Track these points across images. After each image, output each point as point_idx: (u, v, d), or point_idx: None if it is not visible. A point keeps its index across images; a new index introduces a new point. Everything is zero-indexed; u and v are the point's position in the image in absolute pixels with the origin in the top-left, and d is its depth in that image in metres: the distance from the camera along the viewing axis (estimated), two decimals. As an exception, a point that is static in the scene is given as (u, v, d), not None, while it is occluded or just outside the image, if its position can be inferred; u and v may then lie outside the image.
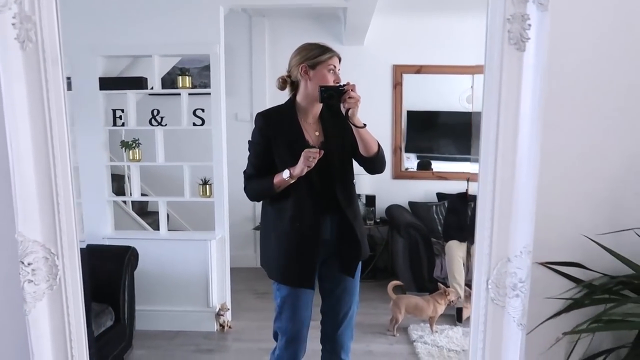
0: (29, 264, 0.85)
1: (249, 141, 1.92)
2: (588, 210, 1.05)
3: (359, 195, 4.66)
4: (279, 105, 1.94)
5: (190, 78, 3.45)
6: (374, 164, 1.88)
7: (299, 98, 1.89)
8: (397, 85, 4.89)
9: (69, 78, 3.15)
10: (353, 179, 1.94)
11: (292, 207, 1.84)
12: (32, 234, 0.86)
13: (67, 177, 0.88)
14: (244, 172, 1.95)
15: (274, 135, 1.85)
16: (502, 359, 1.01)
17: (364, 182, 4.54)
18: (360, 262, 1.98)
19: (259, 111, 1.92)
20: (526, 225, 0.99)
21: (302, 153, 1.74)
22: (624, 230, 1.05)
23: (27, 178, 0.86)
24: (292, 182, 1.79)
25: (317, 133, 1.88)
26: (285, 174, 1.78)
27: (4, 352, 0.94)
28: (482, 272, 1.04)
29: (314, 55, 1.83)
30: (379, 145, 1.85)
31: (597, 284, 1.02)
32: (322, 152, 1.76)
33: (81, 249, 0.98)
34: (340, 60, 1.87)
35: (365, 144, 1.81)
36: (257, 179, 1.89)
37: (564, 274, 1.07)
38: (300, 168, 1.76)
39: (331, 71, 1.82)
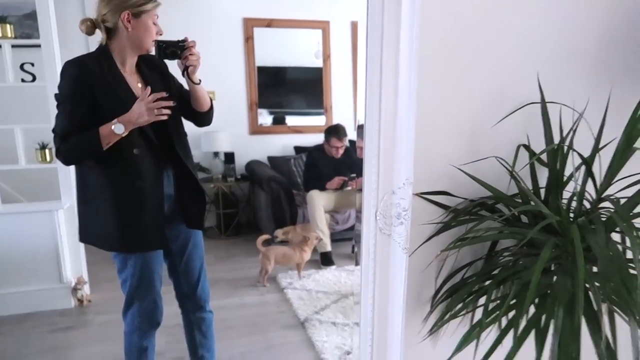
0: None
1: (56, 95, 1.64)
2: (454, 144, 1.19)
3: (217, 153, 4.57)
4: (89, 53, 1.68)
5: (11, 27, 2.97)
6: (208, 118, 1.88)
7: (115, 46, 1.67)
8: (248, 39, 4.81)
9: None
10: (183, 130, 1.86)
11: (130, 165, 1.67)
12: None
13: None
14: (54, 130, 1.65)
15: (95, 82, 1.61)
16: (390, 279, 1.13)
17: (221, 139, 4.46)
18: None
19: (68, 60, 1.63)
20: (407, 160, 1.09)
21: (143, 101, 1.59)
22: (483, 159, 1.21)
23: None
24: (123, 135, 1.60)
25: (139, 84, 1.73)
26: (118, 127, 1.58)
27: None
28: (371, 205, 1.12)
29: (139, 3, 1.63)
30: (211, 101, 1.87)
31: (461, 208, 1.17)
32: (174, 103, 1.66)
33: None
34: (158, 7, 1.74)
35: (201, 100, 1.80)
36: (76, 138, 1.61)
37: (435, 202, 1.20)
38: (141, 117, 1.60)
39: (154, 23, 1.69)
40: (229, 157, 4.59)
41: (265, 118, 4.98)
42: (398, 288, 1.13)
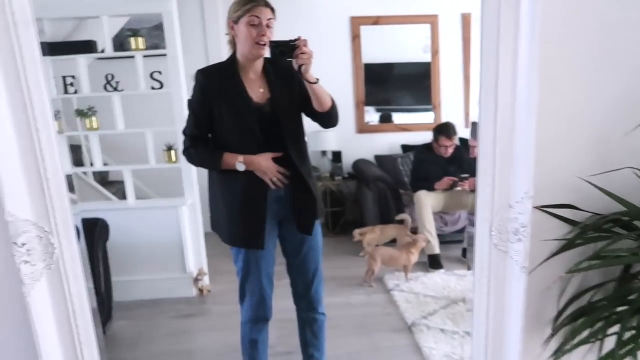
0: (22, 245, 0.80)
1: (188, 100, 1.84)
2: (581, 153, 1.08)
3: (325, 152, 4.65)
4: (220, 62, 1.84)
5: (143, 39, 3.27)
6: (330, 118, 1.82)
7: (238, 54, 1.79)
8: (355, 38, 4.82)
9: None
10: (304, 135, 1.89)
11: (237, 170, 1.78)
12: (23, 212, 0.80)
13: (53, 150, 0.82)
14: (184, 132, 1.86)
15: (214, 92, 1.76)
16: (506, 300, 1.06)
17: (329, 138, 4.53)
18: (318, 219, 1.95)
19: (199, 68, 1.81)
20: (527, 171, 1.01)
21: (268, 163, 1.75)
22: (616, 170, 1.09)
23: (9, 154, 0.79)
24: (240, 170, 1.75)
25: (261, 90, 1.80)
26: (240, 166, 1.74)
27: (6, 336, 0.90)
28: (485, 219, 1.05)
29: (236, 9, 1.72)
30: (332, 99, 1.80)
31: (590, 224, 1.06)
32: (289, 175, 1.77)
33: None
34: (274, 12, 1.73)
35: (320, 99, 1.74)
36: (203, 149, 1.82)
37: (559, 216, 1.10)
38: (263, 176, 1.76)
39: (254, 26, 1.69)
40: (337, 156, 4.64)
41: (372, 116, 4.97)
42: (516, 308, 1.05)
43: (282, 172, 1.78)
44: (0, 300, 0.85)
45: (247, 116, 1.75)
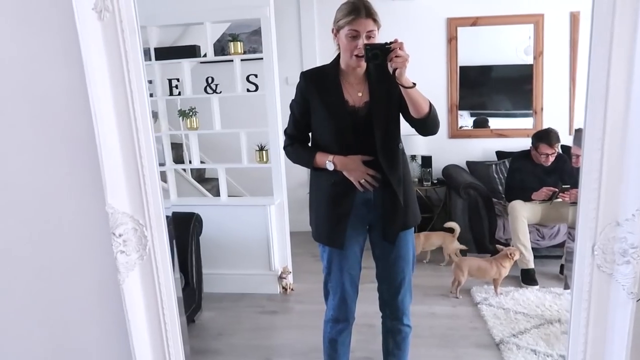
0: (120, 235, 0.87)
1: (292, 100, 1.90)
2: None
3: (414, 156, 4.55)
4: (324, 65, 1.88)
5: (241, 44, 3.42)
6: (426, 125, 1.76)
7: (341, 59, 1.81)
8: (451, 39, 4.67)
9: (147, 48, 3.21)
10: (399, 142, 1.85)
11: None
12: (121, 205, 0.87)
13: (150, 147, 0.88)
14: (285, 131, 1.95)
15: (312, 94, 1.81)
16: (608, 330, 0.95)
17: (419, 143, 4.43)
18: (411, 228, 1.92)
19: (303, 70, 1.89)
20: (639, 184, 0.90)
21: (357, 165, 1.75)
22: None
23: (112, 150, 0.86)
24: (330, 169, 1.78)
25: (359, 94, 1.80)
26: (329, 165, 1.77)
27: (103, 319, 0.98)
28: (587, 237, 0.96)
29: (338, 19, 1.74)
30: (430, 105, 1.73)
31: None
32: (379, 178, 1.76)
33: (167, 217, 0.98)
34: (375, 22, 1.71)
35: (415, 105, 1.69)
36: (300, 147, 1.89)
37: (676, 237, 0.98)
38: (349, 176, 1.77)
39: (353, 37, 1.69)
40: (426, 161, 4.53)
41: (465, 120, 4.78)
42: (619, 337, 0.95)
43: (371, 175, 1.77)
44: (99, 286, 0.93)
45: (340, 119, 1.77)
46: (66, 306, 0.99)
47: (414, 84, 1.66)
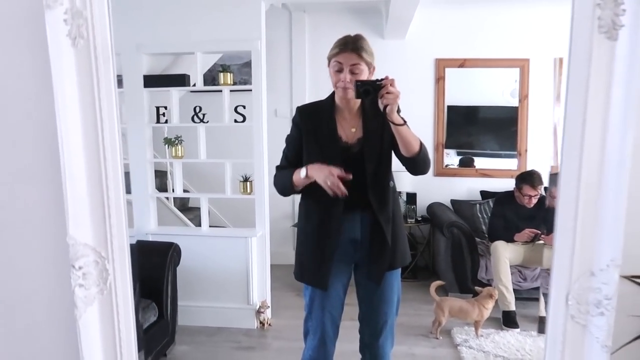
0: (79, 268, 0.83)
1: (287, 135, 1.89)
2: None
3: (399, 192, 4.56)
4: (320, 100, 1.88)
5: (231, 75, 3.44)
6: (416, 164, 1.72)
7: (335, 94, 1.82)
8: (439, 79, 4.76)
9: (119, 76, 3.20)
10: (389, 179, 1.81)
11: (316, 204, 1.79)
12: (83, 237, 0.84)
13: (118, 179, 0.85)
14: (277, 166, 1.92)
15: (306, 129, 1.80)
16: (581, 381, 0.92)
17: (404, 180, 4.44)
18: (397, 270, 1.87)
19: (299, 105, 1.89)
20: (614, 235, 0.89)
21: (326, 170, 1.66)
22: None
23: (77, 179, 0.84)
24: (308, 182, 1.71)
25: (353, 129, 1.78)
26: (302, 172, 1.72)
27: (55, 354, 0.93)
28: (561, 285, 0.94)
29: (329, 52, 1.76)
30: (421, 144, 1.70)
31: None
32: (350, 176, 1.65)
33: (131, 246, 0.94)
34: (361, 57, 1.70)
35: (405, 143, 1.66)
36: (283, 172, 1.84)
37: (650, 289, 0.97)
38: (318, 178, 1.68)
39: (338, 71, 1.71)
40: (411, 198, 4.53)
41: (451, 159, 4.82)
42: (592, 391, 0.92)
43: (342, 177, 1.65)
44: (54, 321, 0.89)
45: (332, 155, 1.74)
46: (18, 339, 0.94)
47: (405, 121, 1.65)
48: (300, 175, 1.73)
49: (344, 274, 1.86)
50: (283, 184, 1.82)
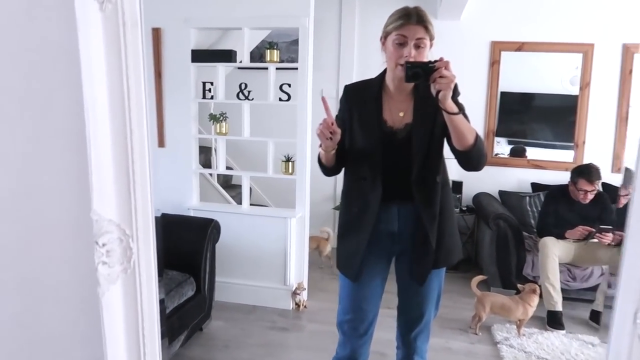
0: (103, 245, 0.80)
1: (335, 116, 1.75)
2: None
3: (445, 180, 4.40)
4: (370, 79, 1.74)
5: (278, 52, 3.39)
6: (470, 159, 1.54)
7: (387, 72, 1.67)
8: (494, 63, 4.53)
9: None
10: (438, 173, 1.64)
11: (354, 189, 1.70)
12: (108, 212, 0.81)
13: (144, 153, 0.81)
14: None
15: (349, 108, 1.69)
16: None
17: (451, 167, 4.24)
18: (442, 268, 1.75)
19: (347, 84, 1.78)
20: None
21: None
22: None
23: (103, 151, 0.80)
24: (328, 153, 1.61)
25: (401, 114, 1.63)
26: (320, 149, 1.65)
27: (77, 334, 0.92)
28: (629, 299, 0.82)
29: (387, 24, 1.58)
30: (477, 137, 1.52)
31: None
32: (339, 132, 1.54)
33: (156, 218, 0.90)
34: (427, 30, 1.53)
35: (459, 134, 1.48)
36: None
37: None
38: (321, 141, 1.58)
39: (401, 45, 1.53)
40: (457, 187, 4.37)
41: (502, 147, 4.61)
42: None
43: (326, 125, 1.53)
44: (76, 298, 0.87)
45: (373, 139, 1.63)
46: (40, 317, 0.93)
47: (461, 109, 1.48)
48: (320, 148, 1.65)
49: (381, 268, 1.75)
50: (319, 164, 1.74)
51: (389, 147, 1.61)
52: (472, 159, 1.54)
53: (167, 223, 2.76)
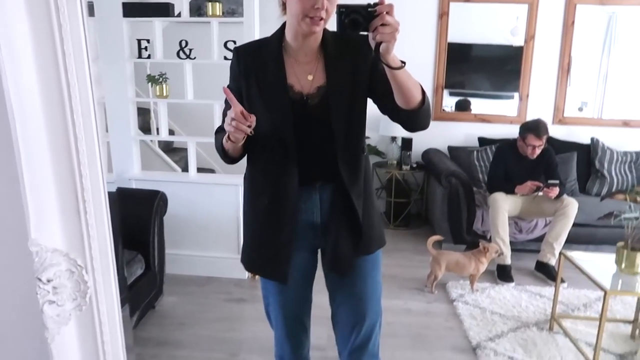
0: (48, 281, 0.65)
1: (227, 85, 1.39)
2: None
3: (394, 137, 4.36)
4: (265, 38, 1.41)
5: (220, 5, 3.10)
6: (417, 118, 1.27)
7: (286, 28, 1.36)
8: (442, 15, 4.44)
9: (90, 2, 2.84)
10: (363, 142, 1.42)
11: (261, 177, 1.41)
12: (51, 240, 0.65)
13: (96, 158, 0.64)
14: (216, 129, 1.47)
15: (248, 76, 1.35)
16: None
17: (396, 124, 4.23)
18: (375, 255, 1.47)
19: (237, 45, 1.45)
20: None
21: (229, 113, 1.22)
22: None
23: (38, 162, 0.63)
24: (238, 144, 1.28)
25: (310, 77, 1.34)
26: (225, 139, 1.29)
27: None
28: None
29: None
30: (423, 93, 1.26)
31: None
32: (254, 118, 1.22)
33: (111, 194, 0.73)
34: None
35: (404, 91, 1.22)
36: (218, 136, 1.40)
37: None
38: (226, 130, 1.25)
39: None
40: (407, 143, 4.36)
41: (446, 101, 4.60)
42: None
43: (243, 114, 1.20)
44: (18, 347, 0.71)
45: (279, 110, 1.33)
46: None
47: (404, 63, 1.20)
48: (224, 143, 1.31)
49: (304, 265, 1.48)
50: (218, 150, 1.39)
51: (302, 117, 1.34)
52: (420, 117, 1.28)
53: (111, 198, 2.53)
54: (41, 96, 0.64)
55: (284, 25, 1.37)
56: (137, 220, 2.60)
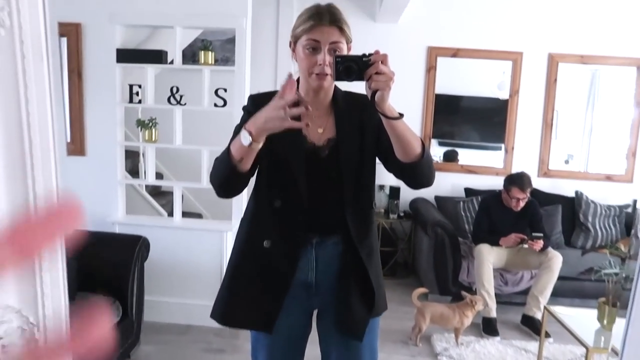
0: (-2, 339, 0.64)
1: (235, 127, 1.40)
2: None
3: (382, 186, 4.40)
4: (277, 90, 1.39)
5: (213, 54, 3.18)
6: (419, 172, 1.28)
7: (300, 82, 1.37)
8: (430, 69, 4.58)
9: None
10: (372, 198, 1.42)
11: (264, 223, 1.38)
12: (3, 297, 0.64)
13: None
14: (215, 158, 1.37)
15: None
16: None
17: (387, 172, 4.28)
18: (377, 319, 1.45)
19: (253, 93, 1.49)
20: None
21: (278, 101, 1.16)
22: None
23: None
24: (257, 148, 1.20)
25: (320, 130, 1.37)
26: (244, 135, 1.17)
27: None
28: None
29: (295, 26, 1.32)
30: (423, 146, 1.27)
31: None
32: (309, 109, 1.18)
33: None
34: (342, 32, 1.29)
35: (403, 143, 1.23)
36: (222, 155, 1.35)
37: None
38: (272, 124, 1.17)
39: (313, 50, 1.28)
40: (394, 192, 4.39)
41: (434, 150, 4.68)
42: None
43: (295, 100, 1.15)
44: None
45: (293, 160, 1.35)
46: None
47: (401, 114, 1.21)
48: (242, 140, 1.18)
49: (302, 324, 1.45)
50: (219, 167, 1.32)
51: (313, 167, 1.35)
52: (422, 171, 1.28)
53: (88, 242, 2.50)
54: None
55: (298, 79, 1.40)
56: (117, 266, 2.56)
